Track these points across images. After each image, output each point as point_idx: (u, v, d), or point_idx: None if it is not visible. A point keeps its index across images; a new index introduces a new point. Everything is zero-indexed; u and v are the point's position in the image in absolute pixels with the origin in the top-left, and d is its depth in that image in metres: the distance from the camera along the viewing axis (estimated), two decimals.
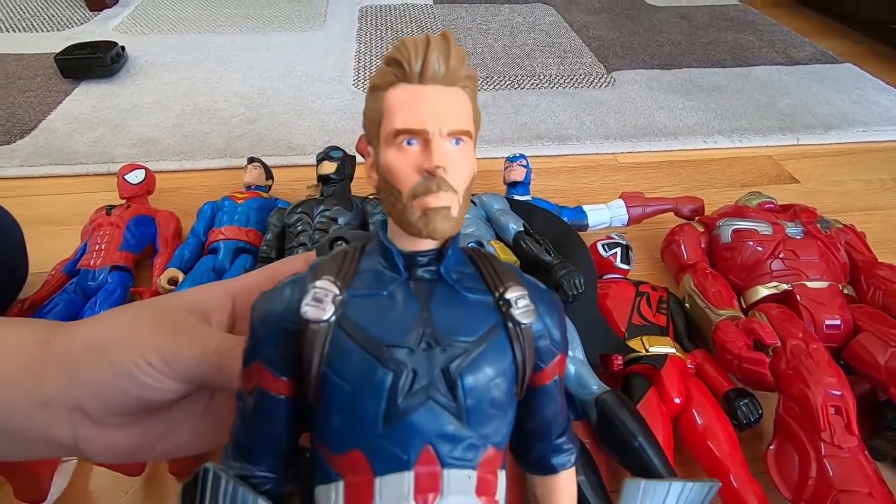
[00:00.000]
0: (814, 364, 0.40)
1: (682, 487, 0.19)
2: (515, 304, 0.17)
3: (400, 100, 0.17)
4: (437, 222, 0.16)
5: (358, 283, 0.17)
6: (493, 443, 0.17)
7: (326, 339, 0.16)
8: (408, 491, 0.15)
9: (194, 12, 1.25)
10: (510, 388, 0.17)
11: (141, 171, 0.61)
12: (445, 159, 0.16)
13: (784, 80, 1.02)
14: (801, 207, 0.56)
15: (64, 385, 0.21)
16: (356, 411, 0.15)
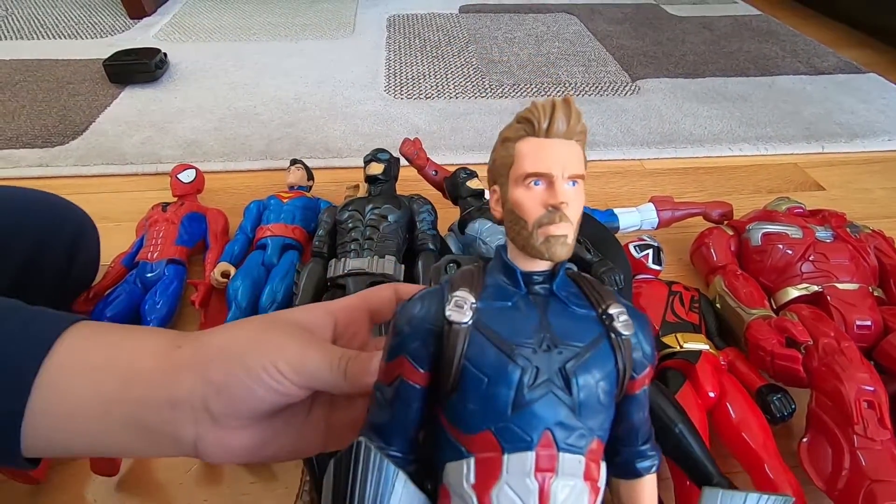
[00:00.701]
0: (846, 361, 0.41)
1: (759, 499, 0.21)
2: (617, 318, 0.20)
3: (530, 150, 0.20)
4: (557, 248, 0.19)
5: (486, 295, 0.20)
6: (598, 435, 0.19)
7: (466, 338, 0.19)
8: (530, 468, 0.18)
9: (229, 20, 1.30)
10: (612, 390, 0.20)
11: (192, 170, 0.65)
12: (567, 196, 0.20)
13: (808, 89, 1.03)
14: (831, 212, 0.57)
15: (195, 385, 0.23)
16: (490, 398, 0.18)
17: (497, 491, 0.18)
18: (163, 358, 0.24)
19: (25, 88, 0.95)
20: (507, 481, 0.18)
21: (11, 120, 0.86)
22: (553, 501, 0.18)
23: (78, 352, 0.24)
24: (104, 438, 0.24)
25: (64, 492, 0.42)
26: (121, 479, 0.43)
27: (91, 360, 0.24)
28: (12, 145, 0.80)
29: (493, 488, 0.18)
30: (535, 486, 0.18)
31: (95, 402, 0.23)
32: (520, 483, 0.18)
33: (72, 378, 0.23)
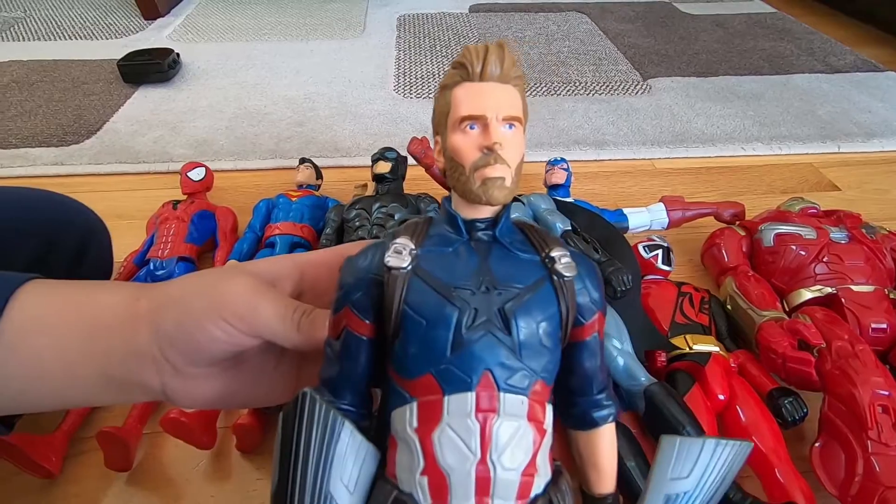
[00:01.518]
0: (860, 364, 0.41)
1: (716, 445, 0.21)
2: (559, 260, 0.20)
3: (464, 94, 0.20)
4: (494, 190, 0.20)
5: (428, 243, 0.20)
6: (541, 377, 0.19)
7: (405, 283, 0.19)
8: (470, 408, 0.18)
9: (241, 21, 1.31)
10: (555, 332, 0.20)
11: (202, 169, 0.65)
12: (501, 138, 0.20)
13: (824, 87, 1.02)
14: (846, 213, 0.56)
15: (151, 337, 0.24)
16: (429, 341, 0.18)
17: (439, 433, 0.18)
18: (123, 311, 0.24)
19: (42, 88, 0.97)
20: (449, 423, 0.18)
21: (28, 119, 0.87)
22: (495, 442, 0.18)
23: (36, 309, 0.24)
24: (72, 393, 0.25)
25: (76, 484, 0.43)
26: (131, 473, 0.43)
27: (51, 317, 0.24)
28: (29, 144, 0.81)
29: (435, 431, 0.18)
30: (477, 426, 0.18)
31: (59, 361, 0.24)
32: (461, 424, 0.18)
33: (32, 337, 0.24)
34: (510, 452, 0.18)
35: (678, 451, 0.20)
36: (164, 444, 0.45)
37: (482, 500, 0.17)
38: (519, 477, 0.18)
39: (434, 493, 0.17)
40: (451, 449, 0.17)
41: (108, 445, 0.41)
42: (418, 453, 0.18)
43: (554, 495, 0.19)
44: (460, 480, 0.17)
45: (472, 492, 0.17)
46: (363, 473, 0.19)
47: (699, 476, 0.20)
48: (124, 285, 0.26)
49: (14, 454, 0.39)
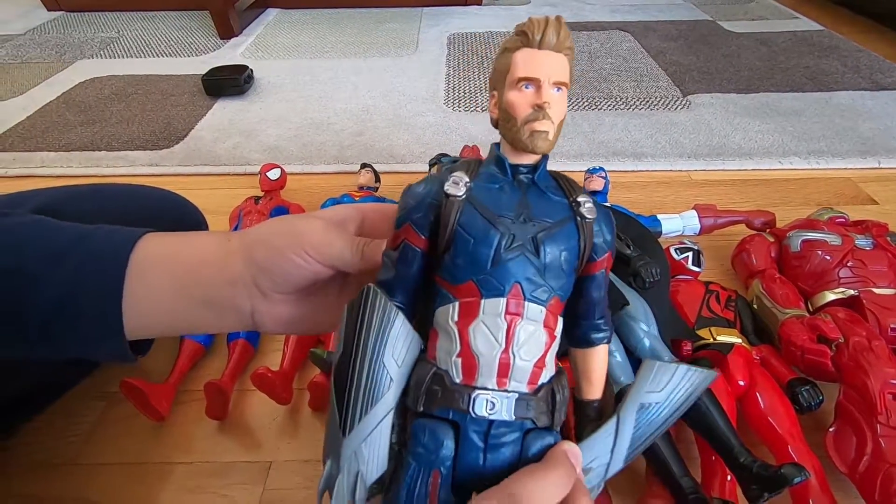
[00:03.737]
0: (875, 357, 0.44)
1: (686, 371, 0.26)
2: (583, 205, 0.25)
3: (523, 58, 0.24)
4: (539, 141, 0.24)
5: (479, 179, 0.25)
6: (557, 294, 0.24)
7: (460, 207, 0.24)
8: (501, 310, 0.23)
9: (305, 40, 1.43)
10: (573, 261, 0.24)
11: (277, 169, 0.75)
12: (550, 98, 0.24)
13: (868, 104, 1.03)
14: (873, 222, 0.59)
15: (245, 267, 0.30)
16: (474, 255, 0.23)
17: (474, 327, 0.23)
18: (218, 248, 0.31)
19: (136, 100, 1.11)
20: (483, 320, 0.23)
21: (127, 126, 1.00)
22: (517, 338, 0.23)
23: (154, 248, 0.31)
24: (183, 315, 0.31)
25: (179, 427, 0.51)
26: (222, 423, 0.52)
27: (165, 253, 0.31)
28: (128, 147, 0.93)
29: (472, 325, 0.23)
30: (504, 325, 0.23)
31: (173, 285, 0.30)
32: (492, 322, 0.23)
33: (153, 267, 0.30)
34: (527, 347, 0.23)
35: (656, 371, 0.26)
36: (250, 401, 0.53)
37: (502, 380, 0.23)
38: (531, 367, 0.23)
39: (466, 371, 0.23)
40: (483, 339, 0.23)
41: (211, 395, 0.49)
42: (456, 340, 0.23)
43: (556, 385, 0.24)
44: (487, 363, 0.23)
45: (496, 373, 0.23)
46: (409, 353, 0.24)
47: (669, 391, 0.25)
48: (215, 232, 0.34)
49: (138, 397, 0.48)
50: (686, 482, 0.38)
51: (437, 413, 0.23)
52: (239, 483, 0.47)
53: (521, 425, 0.23)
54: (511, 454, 0.23)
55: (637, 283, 0.48)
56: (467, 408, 0.22)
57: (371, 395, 0.23)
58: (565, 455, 0.23)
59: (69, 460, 0.48)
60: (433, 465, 0.22)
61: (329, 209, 0.34)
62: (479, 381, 0.23)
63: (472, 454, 0.23)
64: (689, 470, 0.40)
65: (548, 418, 0.24)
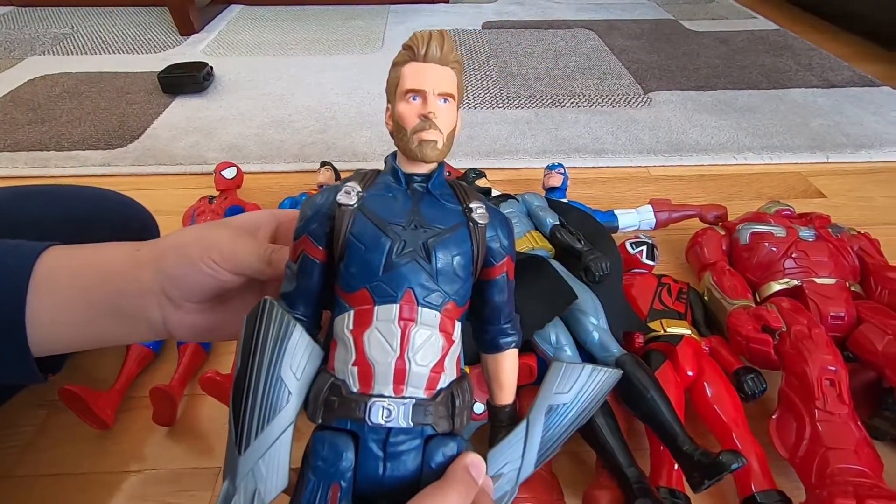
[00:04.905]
0: (813, 345, 0.45)
1: (592, 370, 0.26)
2: (475, 210, 0.25)
3: (410, 71, 0.25)
4: (428, 150, 0.25)
5: (373, 189, 0.25)
6: (453, 299, 0.24)
7: (351, 217, 0.24)
8: (394, 316, 0.23)
9: (269, 37, 1.40)
10: (468, 265, 0.25)
11: (233, 168, 0.73)
12: (436, 109, 0.25)
13: (819, 101, 1.06)
14: (816, 215, 0.61)
15: (155, 277, 0.29)
16: (366, 262, 0.24)
17: (368, 334, 0.23)
18: (127, 258, 0.31)
19: (90, 98, 1.07)
20: (377, 327, 0.23)
21: (78, 125, 0.97)
22: (412, 343, 0.23)
23: (59, 260, 0.30)
24: (92, 328, 0.30)
25: (126, 434, 0.49)
26: (172, 428, 0.50)
27: (70, 265, 0.30)
28: (79, 147, 0.90)
29: (366, 332, 0.23)
30: (398, 330, 0.23)
31: (80, 297, 0.30)
32: (386, 328, 0.23)
33: (58, 279, 0.30)
34: (423, 353, 0.23)
35: (563, 372, 0.26)
36: (201, 405, 0.52)
37: (399, 387, 0.23)
38: (429, 372, 0.23)
39: (362, 379, 0.23)
40: (377, 346, 0.23)
41: (158, 401, 0.48)
42: (352, 349, 0.23)
43: (455, 390, 0.24)
44: (383, 370, 0.23)
45: (391, 380, 0.23)
46: (308, 366, 0.24)
47: (577, 392, 0.26)
48: (124, 243, 0.32)
49: (78, 405, 0.46)
50: (631, 472, 0.39)
51: (336, 424, 0.23)
52: (189, 490, 0.46)
53: (420, 432, 0.23)
54: (413, 462, 0.23)
55: (588, 278, 0.49)
56: (364, 416, 0.22)
57: (268, 410, 0.23)
58: (465, 470, 0.23)
59: (5, 472, 0.46)
60: (332, 478, 0.22)
61: (244, 215, 0.33)
62: (376, 388, 0.23)
63: (372, 464, 0.22)
64: (635, 460, 0.40)
65: (448, 423, 0.23)
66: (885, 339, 0.46)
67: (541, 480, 0.41)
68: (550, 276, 0.47)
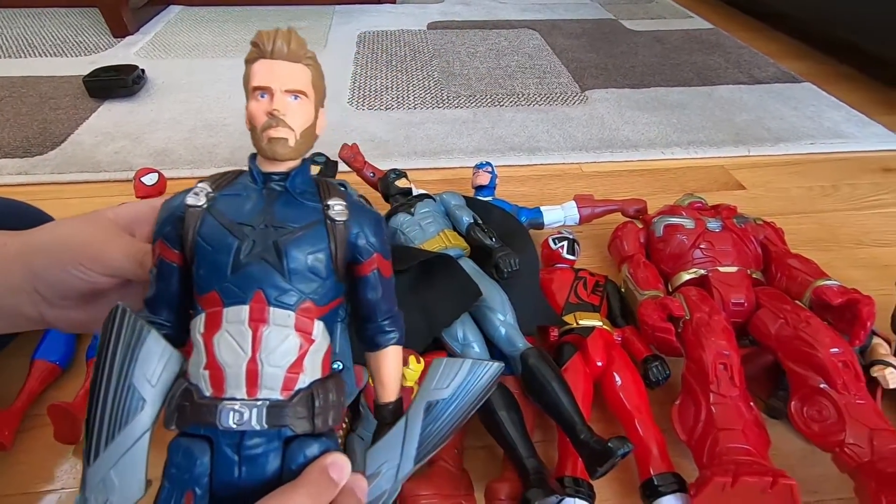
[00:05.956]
0: (710, 331, 0.47)
1: (472, 365, 0.27)
2: (333, 208, 0.25)
3: (257, 68, 0.25)
4: (278, 147, 0.24)
5: (229, 189, 0.25)
6: (310, 298, 0.24)
7: (199, 218, 0.24)
8: (244, 318, 0.23)
9: (208, 38, 1.37)
10: (327, 264, 0.25)
11: (154, 174, 0.71)
12: (283, 107, 0.24)
13: (744, 97, 1.11)
14: (724, 206, 0.64)
15: (24, 276, 0.29)
16: (214, 264, 0.23)
17: (218, 337, 0.23)
18: None
19: (10, 104, 1.02)
20: (227, 329, 0.23)
21: None
22: (264, 344, 0.23)
23: None
24: None
25: (27, 455, 0.47)
26: (78, 445, 0.48)
27: None
28: None
29: (216, 335, 0.23)
30: (249, 332, 0.23)
31: None
32: (237, 330, 0.23)
33: None
34: (277, 353, 0.23)
35: (443, 368, 0.26)
36: None
37: (252, 389, 0.22)
38: (284, 373, 0.23)
39: (214, 383, 0.22)
40: (227, 348, 0.23)
41: (57, 419, 0.46)
42: (202, 352, 0.23)
43: (316, 390, 0.24)
44: (234, 373, 0.22)
45: (244, 382, 0.22)
46: (165, 372, 0.24)
47: (457, 387, 0.26)
48: None
49: None
50: (530, 463, 0.40)
51: (191, 430, 0.23)
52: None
53: (277, 434, 0.23)
54: (271, 465, 0.23)
55: (498, 275, 0.49)
56: (215, 421, 0.22)
57: (119, 418, 0.22)
58: (321, 471, 0.23)
59: None
60: (186, 484, 0.22)
61: (124, 207, 0.32)
62: (228, 392, 0.22)
63: (227, 468, 0.22)
64: (535, 452, 0.41)
65: (308, 424, 0.23)
66: (778, 322, 0.49)
67: (447, 476, 0.41)
68: (457, 274, 0.47)
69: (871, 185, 0.86)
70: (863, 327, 0.47)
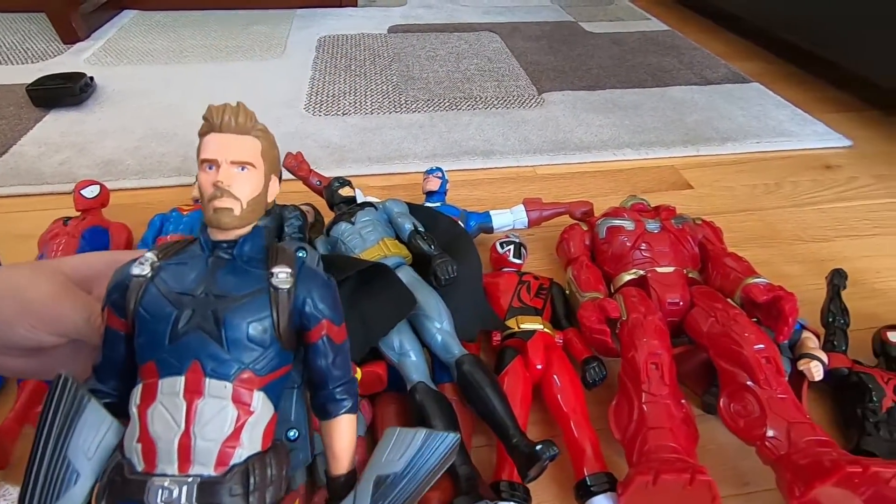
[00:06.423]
0: (642, 331, 0.49)
1: (427, 437, 0.26)
2: (277, 276, 0.26)
3: (207, 141, 0.26)
4: (224, 217, 0.25)
5: (176, 257, 0.26)
6: (250, 368, 0.24)
7: (142, 287, 0.24)
8: (179, 389, 0.23)
9: (162, 44, 1.34)
10: (270, 332, 0.25)
11: (96, 186, 0.69)
12: (229, 178, 0.25)
13: (695, 98, 1.14)
14: (664, 207, 0.65)
15: None
16: (152, 333, 0.24)
17: (152, 409, 0.23)
18: None
19: None
20: (161, 401, 0.23)
21: None
22: (199, 417, 0.23)
23: None
24: None
25: None
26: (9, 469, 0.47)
27: None
28: None
29: (150, 407, 0.23)
30: (183, 404, 0.23)
31: None
32: (171, 402, 0.23)
33: None
34: (212, 426, 0.23)
35: (395, 439, 0.26)
36: None
37: (184, 464, 0.22)
38: (218, 447, 0.23)
39: (146, 457, 0.22)
40: (161, 421, 0.22)
41: None
42: (136, 425, 0.23)
43: (253, 465, 0.23)
44: (166, 447, 0.22)
45: (175, 457, 0.22)
46: (104, 444, 0.23)
47: (409, 460, 0.25)
48: None
49: None
50: (463, 470, 0.40)
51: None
52: None
53: None
54: None
55: (436, 282, 0.50)
56: (144, 498, 0.22)
57: (52, 491, 0.22)
58: None
59: None
60: None
61: (81, 260, 0.32)
62: (160, 467, 0.22)
63: None
64: (469, 459, 0.42)
65: (242, 502, 0.23)
66: (709, 321, 0.50)
67: None
68: (393, 283, 0.47)
69: (811, 182, 0.89)
70: (786, 324, 0.48)
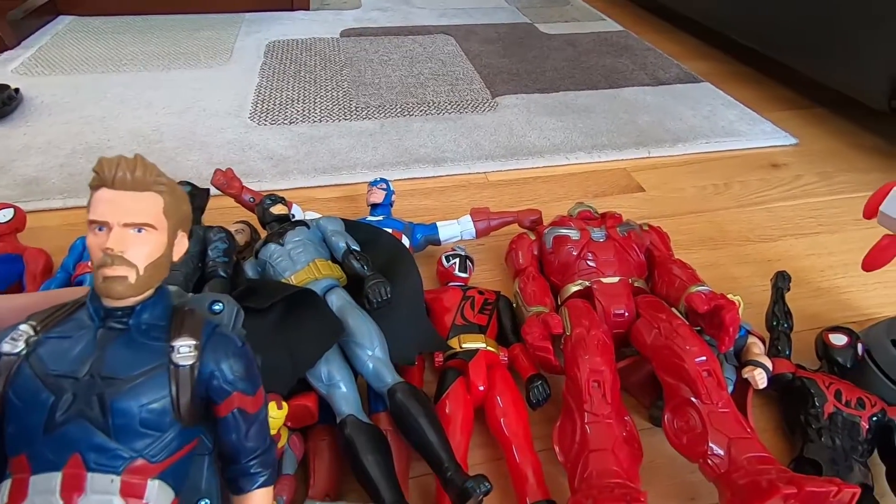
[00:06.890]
0: (584, 348, 0.47)
1: None
2: (178, 350, 0.23)
3: (97, 199, 0.23)
4: (115, 286, 0.22)
5: (59, 328, 0.22)
6: (144, 456, 0.22)
7: (13, 367, 0.21)
8: (55, 487, 0.20)
9: (100, 52, 1.27)
10: (165, 413, 0.22)
11: (9, 210, 0.64)
12: (122, 243, 0.22)
13: (647, 99, 1.14)
14: (610, 214, 0.64)
15: None
16: (24, 423, 0.21)
17: None
18: None
19: None
20: (33, 500, 0.20)
21: None
22: None
23: None
24: None
25: None
26: None
27: None
28: None
29: None
30: None
31: None
32: (44, 502, 0.20)
33: None
34: None
35: None
36: None
37: None
38: None
39: None
40: None
41: None
42: None
43: None
44: None
45: None
46: None
47: None
48: None
49: None
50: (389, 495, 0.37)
51: None
52: None
53: None
54: None
55: (368, 305, 0.47)
56: None
57: None
58: None
59: None
60: None
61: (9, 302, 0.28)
62: None
63: None
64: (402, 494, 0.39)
65: None
66: (653, 332, 0.49)
67: None
68: (319, 310, 0.44)
69: (759, 182, 0.90)
70: (727, 333, 0.48)
